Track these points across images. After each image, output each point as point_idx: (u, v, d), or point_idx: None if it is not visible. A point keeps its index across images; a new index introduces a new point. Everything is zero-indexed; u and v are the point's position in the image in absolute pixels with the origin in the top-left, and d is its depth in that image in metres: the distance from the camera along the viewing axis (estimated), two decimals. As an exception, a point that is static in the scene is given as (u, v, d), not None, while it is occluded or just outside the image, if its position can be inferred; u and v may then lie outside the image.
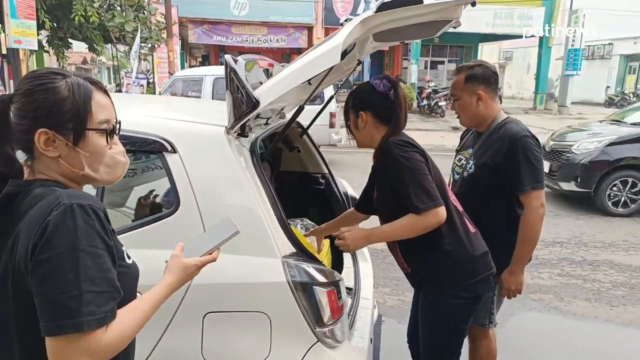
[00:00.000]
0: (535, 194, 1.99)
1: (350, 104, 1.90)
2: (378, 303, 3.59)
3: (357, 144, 1.94)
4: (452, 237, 1.77)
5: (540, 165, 2.02)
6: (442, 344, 1.92)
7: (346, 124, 1.94)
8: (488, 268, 1.84)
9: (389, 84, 1.82)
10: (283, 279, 1.52)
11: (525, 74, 31.47)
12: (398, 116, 1.82)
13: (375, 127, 1.84)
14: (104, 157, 1.05)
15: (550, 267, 4.37)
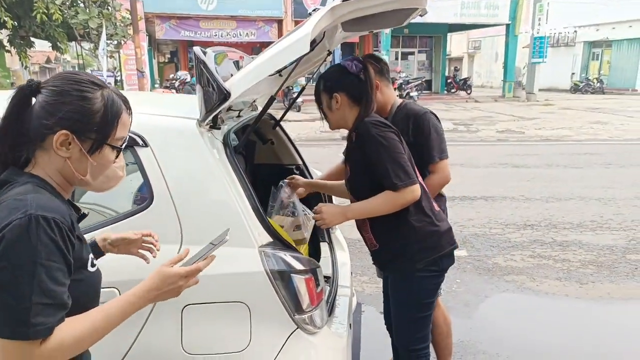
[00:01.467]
0: (443, 164, 2.20)
1: (322, 86, 1.94)
2: (356, 291, 3.63)
3: (330, 126, 1.99)
4: (420, 213, 1.85)
5: (443, 138, 2.22)
6: (413, 317, 1.99)
7: (319, 107, 1.97)
8: (451, 242, 1.94)
9: (360, 65, 1.87)
10: (261, 269, 1.53)
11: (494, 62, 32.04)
12: (370, 96, 1.87)
13: (349, 107, 1.89)
14: (108, 169, 1.09)
15: (522, 249, 4.50)
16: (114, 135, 1.06)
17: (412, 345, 2.01)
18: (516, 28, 21.29)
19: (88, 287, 1.07)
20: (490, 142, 10.90)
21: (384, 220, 1.84)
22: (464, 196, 6.15)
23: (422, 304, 1.97)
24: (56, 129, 0.99)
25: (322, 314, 1.70)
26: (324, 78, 1.94)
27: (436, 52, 24.92)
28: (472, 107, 18.89)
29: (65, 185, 1.07)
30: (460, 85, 23.88)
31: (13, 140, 1.02)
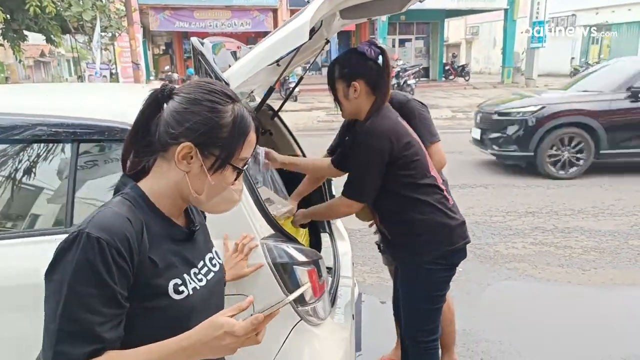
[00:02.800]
0: (436, 146, 2.19)
1: (338, 73, 1.84)
2: (357, 282, 3.63)
3: (344, 114, 1.92)
4: (428, 206, 1.82)
5: (431, 122, 2.23)
6: (422, 310, 1.98)
7: (334, 95, 1.88)
8: (464, 237, 1.90)
9: (378, 49, 1.79)
10: (263, 261, 1.51)
11: (492, 48, 31.85)
12: (386, 84, 1.82)
13: (366, 96, 1.82)
14: (225, 190, 1.00)
15: (523, 236, 4.49)
16: (238, 155, 0.97)
17: (420, 337, 1.99)
18: (514, 13, 21.14)
19: (169, 318, 0.94)
20: (490, 129, 10.85)
21: (391, 212, 1.87)
22: (464, 184, 6.14)
23: (431, 296, 1.94)
24: (181, 140, 0.92)
25: (325, 306, 1.68)
26: (340, 64, 1.83)
27: (433, 38, 24.76)
28: (470, 94, 18.80)
29: (178, 200, 1.00)
30: (458, 72, 23.76)
31: (138, 146, 0.97)
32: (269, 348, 1.54)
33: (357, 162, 1.78)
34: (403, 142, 1.76)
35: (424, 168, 1.83)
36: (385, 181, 1.80)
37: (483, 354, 2.73)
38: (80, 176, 1.64)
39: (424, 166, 1.83)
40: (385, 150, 1.73)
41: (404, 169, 1.79)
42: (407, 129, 1.84)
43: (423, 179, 1.82)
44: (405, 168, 1.79)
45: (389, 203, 1.87)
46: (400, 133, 1.78)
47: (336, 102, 1.89)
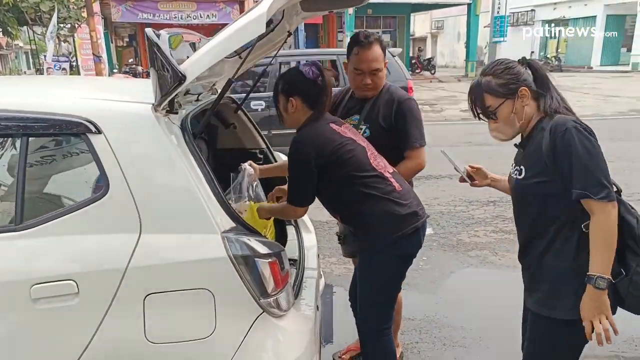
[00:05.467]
0: (422, 150, 2.23)
1: (280, 87, 2.00)
2: (325, 273, 3.66)
3: (285, 124, 2.05)
4: (375, 197, 1.88)
5: (422, 125, 2.25)
6: (376, 298, 2.04)
7: (276, 105, 2.04)
8: (413, 223, 1.93)
9: (317, 71, 1.94)
10: (224, 254, 1.51)
11: (457, 42, 32.39)
12: (323, 102, 1.97)
13: (303, 111, 1.97)
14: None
15: (485, 225, 4.62)
16: None
17: (375, 325, 2.05)
18: (477, 8, 21.55)
19: None
20: (455, 121, 11.10)
21: (344, 209, 2.00)
22: (430, 175, 6.24)
23: (385, 285, 2.01)
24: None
25: (288, 297, 1.70)
26: (283, 80, 2.01)
27: (400, 32, 25.00)
28: (436, 86, 19.11)
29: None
30: (424, 66, 24.08)
31: None
32: (232, 340, 1.54)
33: (290, 171, 1.92)
34: (331, 147, 1.87)
35: (362, 163, 1.91)
36: (329, 182, 1.90)
37: (445, 340, 2.80)
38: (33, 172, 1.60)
39: (362, 161, 1.91)
40: (310, 157, 1.86)
41: (340, 167, 1.88)
42: (338, 134, 1.92)
43: (364, 172, 1.89)
44: (342, 167, 1.88)
45: (339, 201, 1.98)
46: (326, 140, 1.89)
47: (278, 112, 2.04)
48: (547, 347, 1.59)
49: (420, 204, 2.03)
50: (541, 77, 1.56)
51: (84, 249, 1.52)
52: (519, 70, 1.55)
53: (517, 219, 1.70)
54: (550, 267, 1.55)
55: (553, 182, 1.48)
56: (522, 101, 1.54)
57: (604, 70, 24.31)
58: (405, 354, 2.67)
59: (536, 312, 1.60)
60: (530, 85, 1.54)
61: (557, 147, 1.43)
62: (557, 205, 1.50)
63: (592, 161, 1.41)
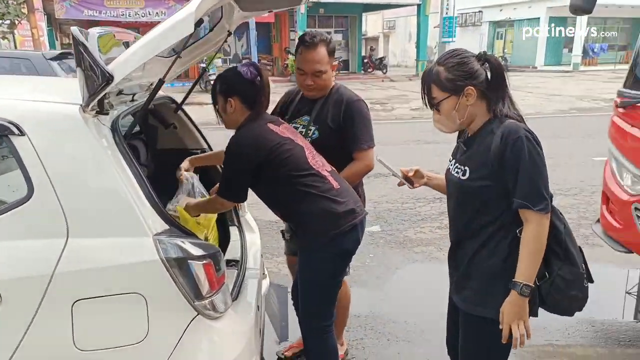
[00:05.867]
0: (371, 152, 2.23)
1: (219, 88, 1.99)
2: (273, 272, 3.66)
3: (225, 126, 2.05)
4: (312, 196, 1.91)
5: (371, 127, 2.26)
6: (317, 295, 2.07)
7: (214, 106, 2.03)
8: (351, 220, 1.96)
9: (255, 72, 1.94)
10: (156, 257, 1.49)
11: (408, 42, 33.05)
12: (261, 102, 1.98)
13: (241, 111, 1.97)
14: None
15: (431, 221, 4.75)
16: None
17: (315, 323, 2.08)
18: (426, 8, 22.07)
19: None
20: (405, 120, 11.32)
21: (284, 208, 2.04)
22: (379, 173, 6.34)
23: (325, 283, 2.04)
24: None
25: (225, 298, 1.69)
26: (221, 80, 2.00)
27: (352, 32, 25.25)
28: (388, 86, 19.43)
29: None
30: (376, 65, 24.43)
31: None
32: (166, 344, 1.52)
33: (226, 166, 1.94)
34: (268, 147, 1.89)
35: (300, 162, 1.93)
36: (268, 181, 1.93)
37: (389, 335, 2.87)
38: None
39: (300, 160, 1.94)
40: (248, 157, 1.89)
41: (277, 167, 1.90)
42: (276, 134, 1.93)
43: (302, 171, 1.92)
44: (279, 166, 1.90)
45: (278, 199, 2.01)
46: (264, 140, 1.90)
47: (216, 113, 2.04)
48: (480, 344, 1.64)
49: (358, 202, 2.07)
50: (497, 75, 1.53)
51: (8, 255, 1.46)
52: (472, 68, 1.51)
53: (453, 217, 1.72)
54: (482, 266, 1.58)
55: (496, 187, 1.50)
56: (466, 100, 1.52)
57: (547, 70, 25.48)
58: (350, 350, 2.71)
59: (467, 312, 1.65)
60: (480, 85, 1.51)
61: (506, 154, 1.45)
62: (496, 209, 1.53)
63: (536, 172, 1.45)
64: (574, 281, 1.53)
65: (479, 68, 1.52)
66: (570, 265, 1.53)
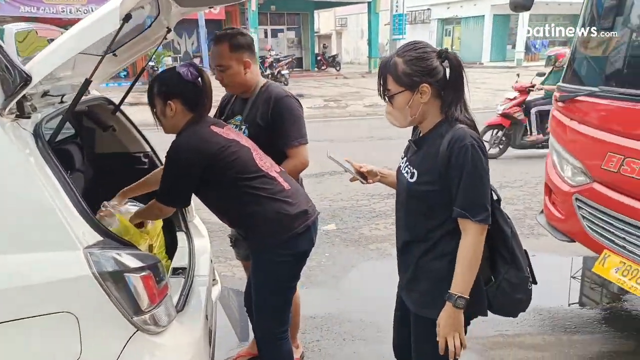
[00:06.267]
0: (302, 148, 2.17)
1: (156, 90, 1.87)
2: (227, 277, 3.57)
3: (164, 130, 1.94)
4: (262, 198, 1.85)
5: (303, 123, 2.20)
6: (271, 301, 2.00)
7: (152, 110, 1.91)
8: (304, 221, 1.91)
9: (196, 72, 1.84)
10: (87, 272, 1.37)
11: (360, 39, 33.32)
12: (204, 104, 1.88)
13: (182, 114, 1.87)
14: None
15: (385, 217, 4.76)
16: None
17: (271, 329, 2.01)
18: (376, 6, 22.32)
19: None
20: (359, 117, 11.39)
21: (232, 213, 1.93)
22: (334, 171, 6.33)
23: (279, 287, 1.97)
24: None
25: (168, 311, 1.59)
26: (159, 82, 1.88)
27: (305, 29, 25.19)
28: (341, 83, 19.52)
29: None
30: (329, 62, 24.50)
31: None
32: (103, 365, 1.41)
33: (166, 171, 1.84)
34: (214, 150, 1.80)
35: (247, 164, 1.86)
36: (215, 186, 1.85)
37: (345, 335, 2.84)
38: None
39: (247, 162, 1.86)
40: (192, 162, 1.79)
41: (224, 170, 1.82)
42: (220, 136, 1.85)
43: (250, 173, 1.85)
44: (226, 169, 1.81)
45: (227, 204, 1.91)
46: (208, 143, 1.81)
47: (155, 117, 1.92)
48: (430, 346, 1.60)
49: (309, 202, 2.02)
50: (456, 76, 1.48)
51: None
52: (430, 64, 1.45)
53: (400, 218, 1.70)
54: (429, 270, 1.56)
55: (442, 192, 1.48)
56: (420, 97, 1.47)
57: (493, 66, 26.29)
58: (306, 353, 2.66)
59: (416, 313, 1.63)
60: (436, 84, 1.47)
61: (451, 161, 1.42)
62: (442, 214, 1.50)
63: (479, 183, 1.42)
64: (520, 285, 1.54)
65: (437, 65, 1.46)
66: (516, 269, 1.53)
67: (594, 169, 2.70)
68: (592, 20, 3.06)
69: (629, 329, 2.89)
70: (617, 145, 2.51)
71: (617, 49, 2.84)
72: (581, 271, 3.73)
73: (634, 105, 2.46)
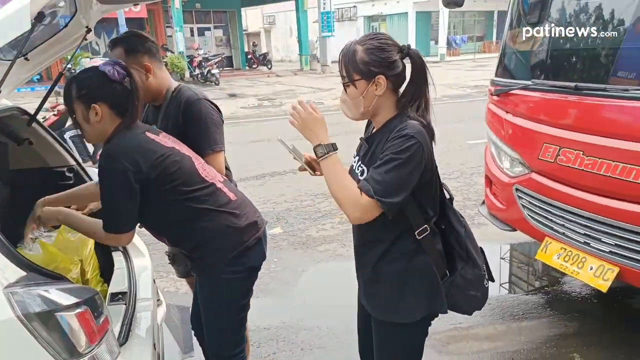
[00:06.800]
0: (217, 156, 1.98)
1: (76, 93, 1.60)
2: (169, 292, 3.35)
3: (87, 139, 1.71)
4: (209, 212, 1.70)
5: (219, 128, 2.03)
6: (225, 322, 1.85)
7: (71, 116, 1.66)
8: (254, 234, 1.79)
9: (123, 71, 1.63)
10: (10, 315, 1.17)
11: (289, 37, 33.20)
12: (135, 107, 1.66)
13: (110, 120, 1.63)
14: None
15: (331, 217, 4.70)
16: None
17: (227, 351, 1.86)
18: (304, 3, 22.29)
19: None
20: (294, 115, 11.26)
21: (173, 230, 1.74)
22: (274, 172, 6.21)
23: (235, 306, 1.82)
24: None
25: (111, 347, 1.41)
26: (79, 85, 1.61)
27: (232, 27, 24.69)
28: (274, 81, 19.31)
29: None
30: (260, 61, 24.20)
31: None
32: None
33: (104, 192, 1.59)
34: (152, 158, 1.60)
35: (190, 175, 1.69)
36: (154, 200, 1.63)
37: (302, 344, 2.74)
38: None
39: (190, 172, 1.70)
40: (129, 171, 1.55)
41: (165, 183, 1.62)
42: (158, 143, 1.66)
43: (194, 185, 1.68)
44: (167, 182, 1.63)
45: (168, 221, 1.71)
46: (145, 149, 1.61)
47: (75, 124, 1.67)
48: (393, 349, 1.57)
49: (257, 212, 1.89)
50: (418, 74, 1.46)
51: None
52: (390, 57, 1.41)
53: None
54: (387, 272, 1.50)
55: None
56: (375, 89, 1.42)
57: (419, 61, 27.17)
58: (262, 368, 2.54)
59: (378, 319, 1.57)
60: (392, 78, 1.43)
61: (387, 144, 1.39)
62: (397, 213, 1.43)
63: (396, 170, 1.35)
64: (474, 281, 1.54)
65: (397, 60, 1.42)
66: (472, 266, 1.53)
67: (532, 160, 2.77)
68: (519, 16, 3.14)
69: (571, 311, 3.01)
70: (552, 136, 2.58)
71: (545, 43, 2.93)
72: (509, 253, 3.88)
73: (566, 97, 2.54)
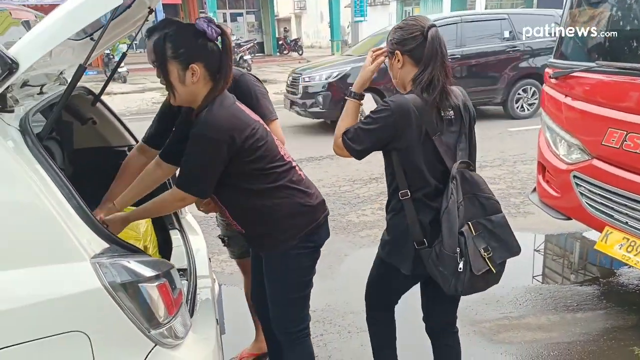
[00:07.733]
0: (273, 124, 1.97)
1: (172, 53, 1.51)
2: (216, 273, 3.40)
3: (176, 101, 1.60)
4: (284, 190, 1.69)
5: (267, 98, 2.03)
6: (291, 299, 1.87)
7: (164, 76, 1.54)
8: (323, 212, 1.83)
9: (218, 29, 1.54)
10: (98, 284, 1.20)
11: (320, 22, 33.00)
12: (228, 67, 1.59)
13: (204, 81, 1.56)
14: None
15: (371, 203, 4.68)
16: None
17: (292, 328, 1.88)
18: (337, -13, 22.11)
19: None
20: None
21: (243, 205, 1.72)
22: (311, 157, 6.21)
23: (301, 283, 1.84)
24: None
25: (185, 320, 1.44)
26: (175, 42, 1.51)
27: (264, 12, 24.67)
28: (305, 67, 19.25)
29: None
30: (292, 47, 24.15)
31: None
32: (118, 387, 1.25)
33: (193, 154, 1.55)
34: (246, 132, 1.57)
35: (273, 150, 1.68)
36: (233, 173, 1.62)
37: (350, 327, 2.75)
38: None
39: (274, 149, 1.69)
40: (224, 143, 1.53)
41: (250, 157, 1.60)
42: (248, 115, 1.64)
43: (274, 161, 1.67)
44: (253, 155, 1.60)
45: (239, 196, 1.70)
46: (241, 122, 1.58)
47: (168, 84, 1.56)
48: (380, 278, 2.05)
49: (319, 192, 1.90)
50: (428, 51, 1.64)
51: None
52: (403, 35, 1.67)
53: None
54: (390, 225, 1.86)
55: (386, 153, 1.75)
56: (397, 62, 1.71)
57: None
58: (312, 349, 2.55)
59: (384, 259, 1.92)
60: (406, 52, 1.68)
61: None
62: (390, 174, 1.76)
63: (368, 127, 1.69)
64: (444, 260, 1.64)
65: (409, 38, 1.66)
66: (440, 244, 1.65)
67: (594, 146, 2.68)
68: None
69: (628, 303, 2.93)
70: (618, 121, 2.49)
71: (609, 23, 2.81)
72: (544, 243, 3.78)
73: (634, 80, 2.44)
